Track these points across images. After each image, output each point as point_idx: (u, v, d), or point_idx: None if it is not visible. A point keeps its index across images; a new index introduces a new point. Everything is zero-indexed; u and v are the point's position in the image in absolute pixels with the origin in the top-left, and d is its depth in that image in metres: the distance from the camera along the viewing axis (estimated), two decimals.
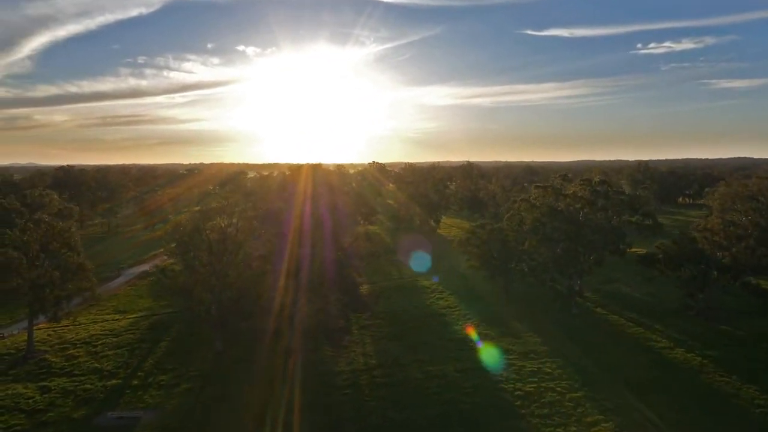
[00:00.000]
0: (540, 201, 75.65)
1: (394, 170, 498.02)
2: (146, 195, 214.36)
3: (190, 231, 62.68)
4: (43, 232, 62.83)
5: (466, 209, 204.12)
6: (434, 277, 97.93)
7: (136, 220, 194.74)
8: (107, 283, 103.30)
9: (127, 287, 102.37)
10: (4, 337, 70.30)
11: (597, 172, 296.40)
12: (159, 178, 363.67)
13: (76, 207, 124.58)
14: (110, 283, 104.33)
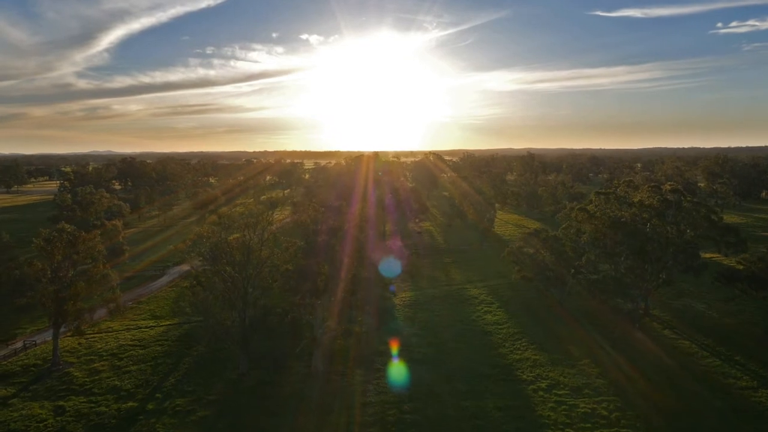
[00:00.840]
0: (600, 210, 67.03)
1: (453, 159, 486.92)
2: (202, 187, 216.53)
3: (213, 244, 58.63)
4: (66, 242, 60.69)
5: (525, 205, 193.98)
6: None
7: (191, 213, 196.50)
8: (150, 284, 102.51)
9: (168, 288, 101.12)
10: (35, 344, 69.43)
11: (670, 163, 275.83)
12: (220, 169, 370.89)
13: (126, 205, 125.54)
14: (153, 283, 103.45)
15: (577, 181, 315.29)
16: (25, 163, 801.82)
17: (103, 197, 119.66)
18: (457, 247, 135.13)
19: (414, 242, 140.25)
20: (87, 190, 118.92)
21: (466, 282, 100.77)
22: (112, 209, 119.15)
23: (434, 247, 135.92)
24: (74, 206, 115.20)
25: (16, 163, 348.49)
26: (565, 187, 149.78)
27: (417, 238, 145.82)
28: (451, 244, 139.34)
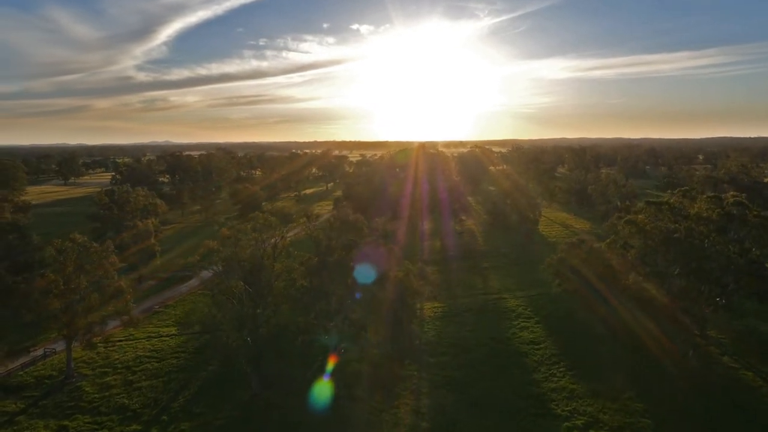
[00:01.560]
0: (651, 223, 59.89)
1: (502, 150, 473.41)
2: (242, 183, 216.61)
3: (223, 259, 55.29)
4: (77, 253, 58.81)
5: (574, 202, 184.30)
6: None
7: (232, 208, 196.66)
8: (179, 286, 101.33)
9: (197, 291, 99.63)
10: (55, 352, 68.46)
11: (735, 158, 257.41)
12: (267, 162, 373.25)
13: (162, 203, 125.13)
14: (182, 285, 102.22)
15: (632, 176, 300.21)
16: (87, 154, 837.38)
17: (139, 196, 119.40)
18: (498, 249, 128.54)
19: (454, 243, 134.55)
20: (123, 188, 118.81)
21: (504, 291, 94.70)
22: (147, 208, 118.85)
23: (473, 249, 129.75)
24: (111, 205, 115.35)
25: (72, 156, 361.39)
26: (617, 186, 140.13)
27: (457, 239, 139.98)
28: (492, 246, 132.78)
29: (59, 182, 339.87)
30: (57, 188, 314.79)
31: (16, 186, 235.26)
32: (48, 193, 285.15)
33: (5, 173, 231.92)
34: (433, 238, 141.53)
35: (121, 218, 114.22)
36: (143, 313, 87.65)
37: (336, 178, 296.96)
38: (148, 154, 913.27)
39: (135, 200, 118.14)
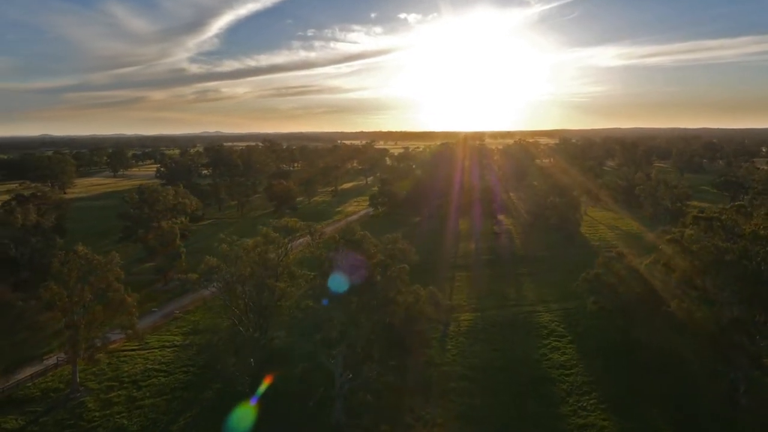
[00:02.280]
0: (698, 243, 53.05)
1: (549, 143, 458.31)
2: (278, 179, 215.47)
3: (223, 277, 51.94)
4: (80, 265, 56.94)
5: (621, 201, 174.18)
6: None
7: (268, 204, 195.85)
8: (203, 289, 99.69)
9: (221, 295, 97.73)
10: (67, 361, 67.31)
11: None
12: (309, 154, 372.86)
13: (192, 202, 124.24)
14: (205, 289, 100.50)
15: (687, 171, 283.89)
16: (140, 145, 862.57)
17: (168, 195, 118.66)
18: (536, 253, 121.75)
19: (489, 246, 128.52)
20: (153, 187, 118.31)
21: (539, 302, 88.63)
22: (176, 207, 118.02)
23: (509, 252, 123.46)
24: (142, 204, 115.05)
25: (121, 149, 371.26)
26: (668, 187, 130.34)
27: (493, 241, 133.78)
28: (530, 249, 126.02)
29: (109, 174, 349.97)
30: (106, 180, 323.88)
31: (65, 179, 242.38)
32: (96, 186, 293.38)
33: (55, 167, 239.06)
34: (468, 239, 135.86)
35: (151, 217, 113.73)
36: (164, 317, 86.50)
37: (376, 172, 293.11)
38: (197, 145, 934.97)
39: (164, 199, 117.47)
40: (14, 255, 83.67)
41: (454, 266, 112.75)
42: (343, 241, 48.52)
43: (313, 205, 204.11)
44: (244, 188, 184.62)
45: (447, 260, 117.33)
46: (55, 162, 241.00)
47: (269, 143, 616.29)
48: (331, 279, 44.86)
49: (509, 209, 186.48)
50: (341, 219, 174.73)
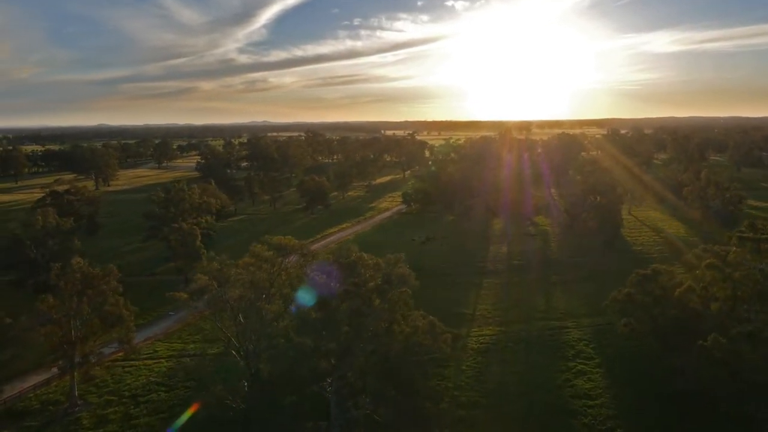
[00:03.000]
0: (741, 267, 46.62)
1: (598, 134, 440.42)
2: (316, 172, 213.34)
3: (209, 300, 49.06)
4: (79, 279, 55.29)
5: (669, 201, 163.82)
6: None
7: (301, 200, 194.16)
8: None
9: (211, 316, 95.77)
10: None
11: None
12: (347, 145, 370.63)
13: (217, 201, 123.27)
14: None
15: (745, 165, 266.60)
16: (188, 135, 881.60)
17: (193, 193, 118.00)
18: (571, 258, 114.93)
19: (521, 249, 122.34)
20: (179, 185, 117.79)
21: (569, 316, 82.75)
22: (201, 206, 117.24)
23: (543, 257, 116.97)
24: (167, 202, 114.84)
25: (165, 141, 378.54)
26: (719, 189, 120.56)
27: (527, 244, 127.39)
28: (565, 253, 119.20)
29: (154, 166, 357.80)
30: (150, 172, 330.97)
31: (108, 172, 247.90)
32: (139, 177, 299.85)
33: (98, 160, 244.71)
34: (500, 241, 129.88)
35: (176, 216, 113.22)
36: (178, 322, 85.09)
37: (414, 166, 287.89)
38: (242, 136, 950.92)
39: (190, 198, 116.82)
40: (34, 257, 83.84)
41: (482, 271, 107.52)
42: (337, 265, 44.64)
43: (346, 201, 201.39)
44: (277, 183, 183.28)
45: (476, 264, 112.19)
46: (98, 155, 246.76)
47: (311, 134, 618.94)
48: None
49: (548, 207, 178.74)
50: (373, 216, 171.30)
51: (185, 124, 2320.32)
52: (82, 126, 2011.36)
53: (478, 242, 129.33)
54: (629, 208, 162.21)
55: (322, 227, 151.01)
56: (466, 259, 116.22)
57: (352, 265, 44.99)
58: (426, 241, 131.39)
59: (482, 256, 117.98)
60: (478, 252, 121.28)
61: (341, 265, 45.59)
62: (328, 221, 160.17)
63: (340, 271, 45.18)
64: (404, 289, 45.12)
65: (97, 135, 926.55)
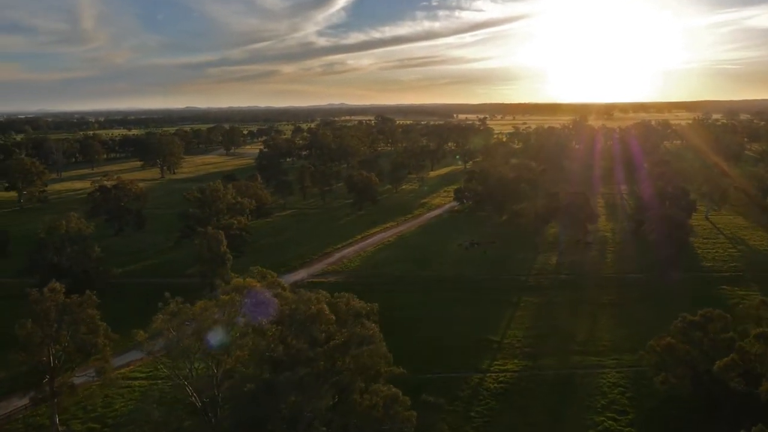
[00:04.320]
0: None
1: (681, 123, 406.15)
2: (368, 163, 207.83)
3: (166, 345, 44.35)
4: (59, 304, 52.74)
5: (754, 205, 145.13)
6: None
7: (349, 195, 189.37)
8: None
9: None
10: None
11: None
12: (409, 133, 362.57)
13: (249, 201, 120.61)
14: None
15: None
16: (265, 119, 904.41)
17: (228, 192, 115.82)
18: (628, 274, 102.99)
19: (573, 261, 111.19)
20: (213, 186, 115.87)
21: (611, 350, 72.66)
22: (234, 207, 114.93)
23: (596, 272, 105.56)
24: (201, 202, 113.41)
25: (233, 128, 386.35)
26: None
27: (580, 254, 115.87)
28: (622, 268, 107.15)
29: (222, 152, 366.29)
30: (217, 159, 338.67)
31: (173, 161, 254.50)
32: (206, 165, 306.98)
33: (164, 148, 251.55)
34: (551, 250, 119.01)
35: (210, 216, 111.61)
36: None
37: (476, 156, 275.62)
38: (317, 119, 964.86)
39: (224, 197, 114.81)
40: (57, 262, 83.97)
41: (523, 286, 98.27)
42: (302, 316, 38.59)
43: (399, 195, 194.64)
44: (327, 176, 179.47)
45: (518, 277, 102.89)
46: (164, 143, 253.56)
47: (381, 119, 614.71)
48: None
49: (615, 209, 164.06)
50: (422, 214, 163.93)
51: (266, 106, 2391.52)
52: (172, 108, 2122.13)
53: (526, 250, 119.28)
54: (706, 211, 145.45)
55: (365, 226, 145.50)
56: (508, 269, 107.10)
57: (314, 317, 38.72)
58: (470, 247, 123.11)
59: (527, 268, 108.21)
60: (524, 262, 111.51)
61: (295, 319, 39.55)
62: (373, 219, 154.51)
63: (292, 327, 39.14)
64: (371, 347, 38.32)
65: (181, 118, 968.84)
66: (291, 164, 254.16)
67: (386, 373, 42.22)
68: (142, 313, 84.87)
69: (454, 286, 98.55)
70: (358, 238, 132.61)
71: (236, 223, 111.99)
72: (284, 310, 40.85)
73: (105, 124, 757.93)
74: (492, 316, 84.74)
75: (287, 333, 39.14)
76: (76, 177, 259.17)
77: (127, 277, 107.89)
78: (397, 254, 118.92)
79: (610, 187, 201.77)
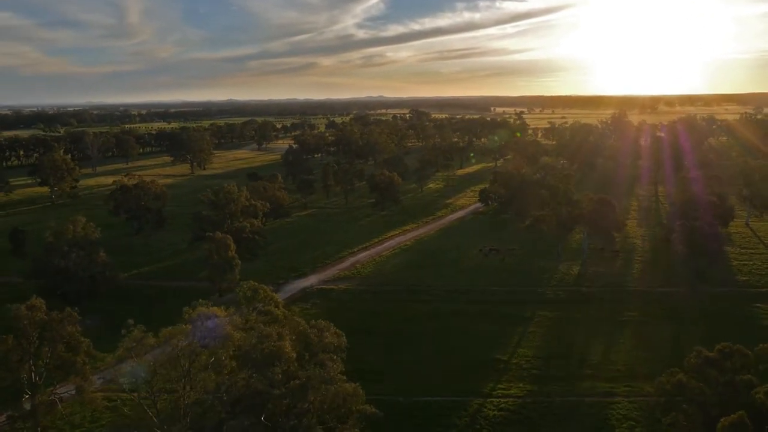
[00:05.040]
0: None
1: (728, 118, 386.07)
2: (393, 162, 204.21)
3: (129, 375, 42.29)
4: (37, 324, 51.64)
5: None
6: None
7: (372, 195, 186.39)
8: None
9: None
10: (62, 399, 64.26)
11: None
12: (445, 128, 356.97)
13: (265, 204, 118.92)
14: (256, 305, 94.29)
15: None
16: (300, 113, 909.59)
17: (242, 196, 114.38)
18: (654, 288, 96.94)
19: (597, 271, 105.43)
20: (227, 188, 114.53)
21: (626, 376, 67.52)
22: (247, 209, 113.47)
23: (620, 284, 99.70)
24: (215, 205, 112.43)
25: (265, 123, 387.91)
26: None
27: (606, 264, 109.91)
28: (648, 280, 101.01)
29: (254, 147, 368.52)
30: (248, 154, 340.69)
31: (202, 157, 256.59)
32: (237, 160, 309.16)
33: (193, 144, 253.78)
34: (574, 259, 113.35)
35: (222, 219, 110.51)
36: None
37: (507, 153, 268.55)
38: (353, 112, 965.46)
39: (237, 200, 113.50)
40: (63, 266, 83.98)
41: (539, 299, 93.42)
42: (248, 358, 35.80)
43: (424, 195, 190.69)
44: (349, 175, 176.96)
45: (535, 288, 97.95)
46: (193, 139, 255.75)
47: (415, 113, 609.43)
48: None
49: (649, 213, 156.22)
50: (445, 215, 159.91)
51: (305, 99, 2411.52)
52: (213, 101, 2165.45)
53: (548, 258, 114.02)
54: (747, 218, 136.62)
55: (384, 228, 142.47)
56: (526, 280, 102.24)
57: (270, 357, 35.78)
58: (489, 253, 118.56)
59: (546, 278, 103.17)
60: (544, 272, 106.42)
61: (250, 358, 36.74)
62: (393, 221, 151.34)
63: (248, 366, 36.38)
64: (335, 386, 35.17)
65: (220, 111, 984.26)
66: (320, 160, 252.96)
67: (358, 412, 39.17)
68: (148, 317, 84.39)
69: (467, 298, 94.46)
70: (375, 242, 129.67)
71: (249, 226, 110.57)
72: (242, 346, 38.16)
73: (146, 118, 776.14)
74: (502, 333, 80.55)
75: (244, 371, 36.45)
76: (109, 172, 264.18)
77: (140, 278, 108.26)
78: (411, 260, 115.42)
79: (646, 189, 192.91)
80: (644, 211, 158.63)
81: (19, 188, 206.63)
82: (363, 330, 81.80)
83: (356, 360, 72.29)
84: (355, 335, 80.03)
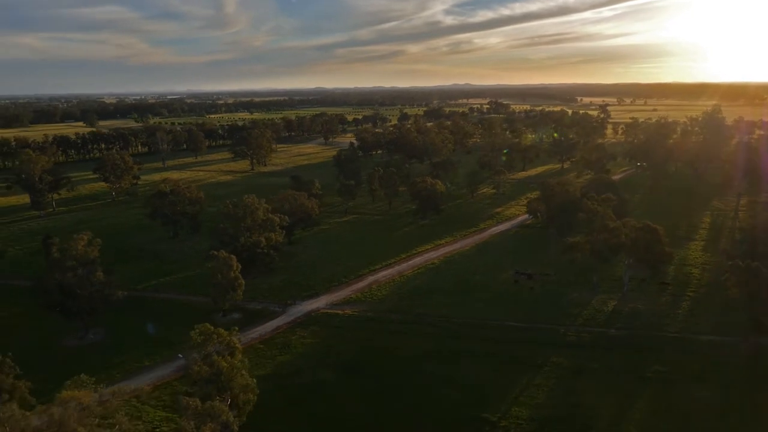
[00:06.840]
0: None
1: None
2: (444, 165, 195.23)
3: None
4: None
5: None
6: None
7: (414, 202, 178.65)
8: (264, 324, 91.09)
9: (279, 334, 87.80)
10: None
11: None
12: (513, 122, 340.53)
13: (283, 217, 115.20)
14: (268, 323, 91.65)
15: None
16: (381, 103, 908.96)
17: (259, 209, 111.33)
18: (699, 336, 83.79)
19: (635, 309, 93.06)
20: (246, 200, 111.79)
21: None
22: (265, 223, 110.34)
23: (660, 327, 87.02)
24: (232, 218, 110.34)
25: (331, 118, 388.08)
26: None
27: (649, 299, 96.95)
28: (695, 324, 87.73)
29: (321, 142, 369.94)
30: (313, 149, 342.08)
31: (262, 154, 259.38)
32: (301, 156, 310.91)
33: (253, 142, 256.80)
34: (614, 291, 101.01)
35: (240, 233, 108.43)
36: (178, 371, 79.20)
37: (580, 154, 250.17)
38: (434, 102, 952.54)
39: (254, 213, 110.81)
40: (63, 283, 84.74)
41: (558, 342, 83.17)
42: None
43: (474, 201, 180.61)
44: (394, 179, 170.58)
45: (557, 327, 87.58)
46: (253, 137, 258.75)
47: (494, 104, 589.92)
48: None
49: (721, 232, 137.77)
50: (488, 227, 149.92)
51: (391, 86, 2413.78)
52: (302, 89, 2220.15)
53: (583, 287, 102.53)
54: None
55: (417, 241, 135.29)
56: (551, 315, 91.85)
57: None
58: (520, 279, 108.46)
59: (575, 314, 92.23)
60: (575, 306, 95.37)
61: None
62: (430, 232, 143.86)
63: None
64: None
65: (301, 101, 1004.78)
66: (379, 158, 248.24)
67: None
68: (145, 337, 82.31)
69: (477, 334, 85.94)
70: (402, 257, 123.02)
71: (265, 240, 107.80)
72: None
73: (231, 107, 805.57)
74: (502, 383, 72.01)
75: None
76: (178, 166, 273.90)
77: (154, 291, 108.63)
78: (432, 283, 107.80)
79: (726, 201, 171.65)
80: (716, 229, 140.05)
81: (89, 183, 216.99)
82: (353, 368, 76.69)
83: (336, 408, 67.31)
84: (345, 374, 75.35)
